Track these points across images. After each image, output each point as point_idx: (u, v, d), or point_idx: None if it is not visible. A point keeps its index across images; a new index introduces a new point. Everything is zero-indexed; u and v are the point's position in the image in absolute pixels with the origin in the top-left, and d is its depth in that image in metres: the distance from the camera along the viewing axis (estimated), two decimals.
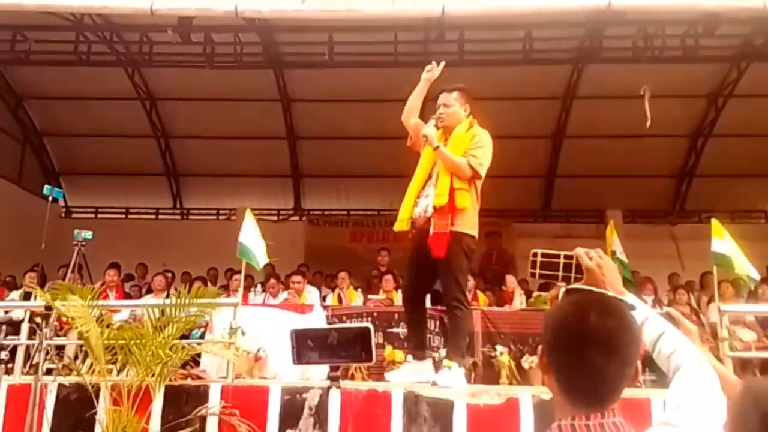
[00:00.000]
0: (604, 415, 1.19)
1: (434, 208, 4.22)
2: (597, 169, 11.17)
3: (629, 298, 1.48)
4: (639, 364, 1.27)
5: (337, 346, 2.71)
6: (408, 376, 4.35)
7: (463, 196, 4.23)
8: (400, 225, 4.45)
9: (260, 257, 5.08)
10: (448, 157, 4.26)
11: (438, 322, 5.76)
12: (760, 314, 6.41)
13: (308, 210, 12.72)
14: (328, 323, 6.03)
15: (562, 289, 1.47)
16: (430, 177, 4.39)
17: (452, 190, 4.21)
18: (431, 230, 4.20)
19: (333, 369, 2.90)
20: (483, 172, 4.32)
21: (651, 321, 1.44)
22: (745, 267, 4.75)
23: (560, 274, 1.54)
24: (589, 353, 1.18)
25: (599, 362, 1.18)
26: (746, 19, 8.20)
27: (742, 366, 5.90)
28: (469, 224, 4.32)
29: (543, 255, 1.56)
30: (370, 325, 2.72)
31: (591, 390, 1.20)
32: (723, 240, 4.79)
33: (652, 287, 7.30)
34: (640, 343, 1.28)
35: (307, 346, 2.80)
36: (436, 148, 4.28)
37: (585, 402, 1.20)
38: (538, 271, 1.57)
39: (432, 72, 4.59)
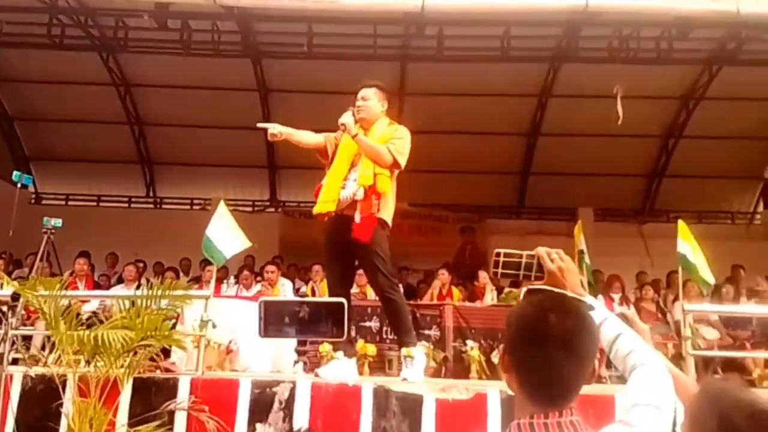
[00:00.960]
0: (562, 414, 1.22)
1: (363, 191, 4.19)
2: (570, 167, 11.32)
3: (588, 299, 1.50)
4: (596, 363, 1.32)
5: (307, 320, 2.66)
6: (333, 373, 4.25)
7: (384, 182, 4.24)
8: (325, 206, 4.29)
9: (227, 250, 5.01)
10: (367, 143, 4.26)
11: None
12: (722, 313, 6.59)
13: (284, 202, 12.65)
14: None
15: (524, 289, 1.50)
16: (353, 165, 4.35)
17: (374, 175, 4.21)
18: (357, 215, 4.17)
19: (301, 344, 2.83)
20: (403, 162, 4.33)
21: (608, 322, 1.47)
22: (703, 272, 4.87)
23: (522, 273, 1.57)
24: (548, 352, 1.22)
25: (558, 361, 1.21)
26: (719, 23, 8.36)
27: (705, 364, 6.07)
28: (389, 212, 4.35)
29: (505, 255, 1.59)
30: (344, 300, 2.68)
31: (549, 388, 1.23)
32: (686, 242, 4.91)
33: (620, 285, 7.45)
34: (597, 342, 1.32)
35: (275, 318, 2.74)
36: (354, 136, 4.25)
37: (544, 400, 1.23)
38: (500, 270, 1.60)
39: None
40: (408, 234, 11.67)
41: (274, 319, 2.68)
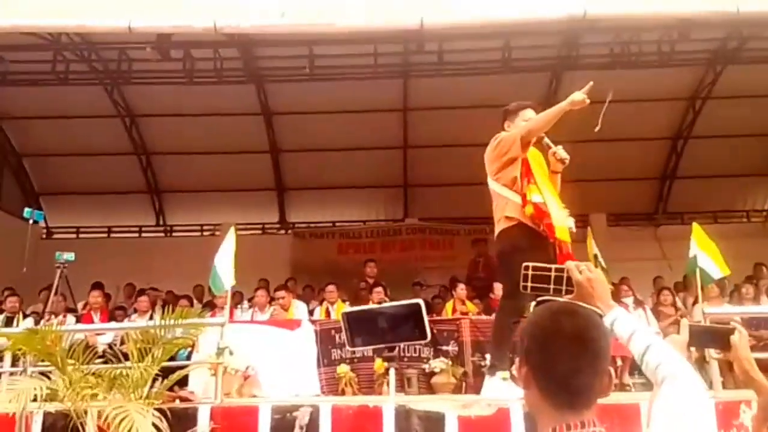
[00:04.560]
0: (584, 425, 1.21)
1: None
2: (580, 174, 11.18)
3: (617, 311, 1.50)
4: (613, 371, 1.35)
5: (390, 326, 2.63)
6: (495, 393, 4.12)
7: None
8: (565, 234, 4.13)
9: (227, 280, 5.02)
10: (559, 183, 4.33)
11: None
12: (743, 314, 6.47)
13: (293, 223, 12.65)
14: (317, 338, 6.00)
15: (533, 303, 1.54)
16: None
17: None
18: (568, 248, 4.12)
19: (389, 350, 2.81)
20: None
21: (638, 334, 1.46)
22: (708, 266, 4.83)
23: (551, 287, 1.56)
24: (562, 349, 1.25)
25: (573, 357, 1.24)
26: (720, 23, 8.33)
27: (729, 366, 5.95)
28: None
29: (534, 268, 1.59)
30: (421, 301, 2.64)
31: (568, 390, 1.24)
32: (700, 244, 4.88)
33: (628, 288, 7.34)
34: (609, 340, 1.35)
35: (360, 329, 2.71)
36: (556, 173, 4.31)
37: (564, 406, 1.23)
38: (530, 284, 1.60)
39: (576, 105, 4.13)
40: (420, 249, 11.64)
41: (359, 330, 2.65)
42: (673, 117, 11.30)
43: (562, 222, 4.09)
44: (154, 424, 3.74)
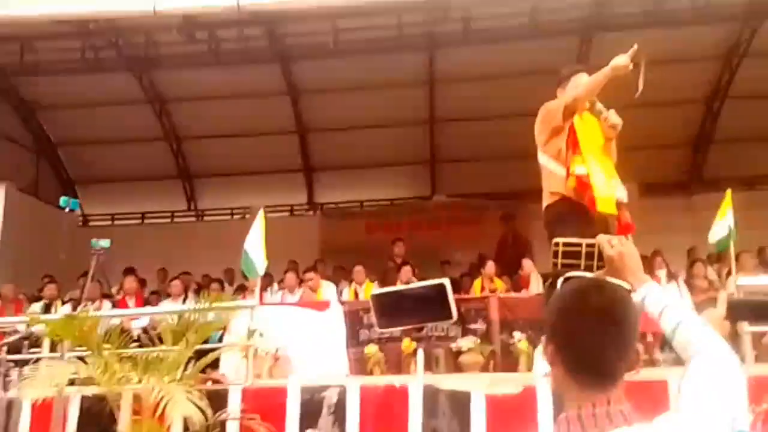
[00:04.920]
0: (609, 402, 1.20)
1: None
2: None
3: (648, 286, 1.48)
4: (640, 347, 1.31)
5: (416, 307, 2.66)
6: None
7: None
8: (610, 206, 3.86)
9: (259, 266, 5.05)
10: (615, 150, 4.12)
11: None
12: None
13: (322, 204, 12.69)
14: (346, 319, 6.05)
15: (560, 280, 1.50)
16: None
17: None
18: (625, 218, 3.94)
19: (417, 330, 2.85)
20: None
21: (669, 310, 1.43)
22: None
23: (582, 262, 1.55)
24: (589, 324, 1.23)
25: (599, 332, 1.22)
26: None
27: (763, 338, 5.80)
28: None
29: (565, 244, 1.58)
30: (446, 280, 2.64)
31: (594, 366, 1.23)
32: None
33: (662, 260, 7.16)
34: (637, 316, 1.32)
35: (388, 310, 2.74)
36: (610, 139, 4.08)
37: (590, 383, 1.22)
38: (560, 260, 1.59)
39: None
40: (448, 226, 11.55)
41: (388, 311, 2.68)
42: (708, 77, 10.85)
43: (607, 193, 3.86)
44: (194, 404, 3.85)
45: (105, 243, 6.23)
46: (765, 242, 8.10)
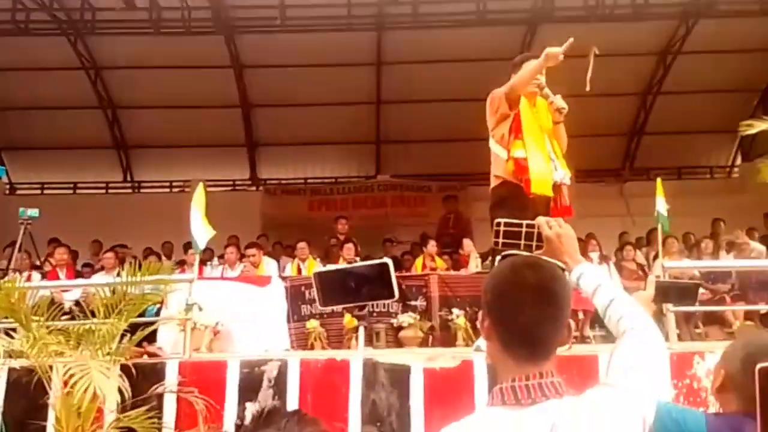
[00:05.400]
0: (542, 375, 1.24)
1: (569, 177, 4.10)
2: None
3: (584, 265, 1.52)
4: (573, 323, 1.36)
5: (359, 286, 2.65)
6: None
7: None
8: (545, 188, 3.97)
9: (200, 239, 4.96)
10: (564, 133, 4.25)
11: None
12: (702, 268, 6.68)
13: (264, 179, 12.54)
14: (287, 294, 6.04)
15: (498, 257, 1.54)
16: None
17: None
18: (564, 201, 4.06)
19: (359, 309, 2.85)
20: None
21: (602, 288, 1.48)
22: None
23: (522, 242, 1.58)
24: (524, 299, 1.26)
25: (534, 308, 1.26)
26: None
27: (686, 318, 6.18)
28: None
29: (506, 224, 1.61)
30: (389, 260, 2.65)
31: (529, 340, 1.26)
32: (664, 199, 4.96)
33: (596, 243, 7.49)
34: (571, 292, 1.37)
35: (331, 289, 2.72)
36: (558, 123, 4.20)
37: (524, 356, 1.26)
38: (501, 240, 1.61)
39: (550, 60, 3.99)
40: (391, 206, 11.67)
41: (330, 289, 2.66)
42: (644, 72, 11.33)
43: (542, 175, 3.98)
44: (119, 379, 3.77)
45: (33, 212, 5.99)
46: (689, 228, 8.60)
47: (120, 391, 3.91)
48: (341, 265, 6.86)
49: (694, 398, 3.73)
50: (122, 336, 4.24)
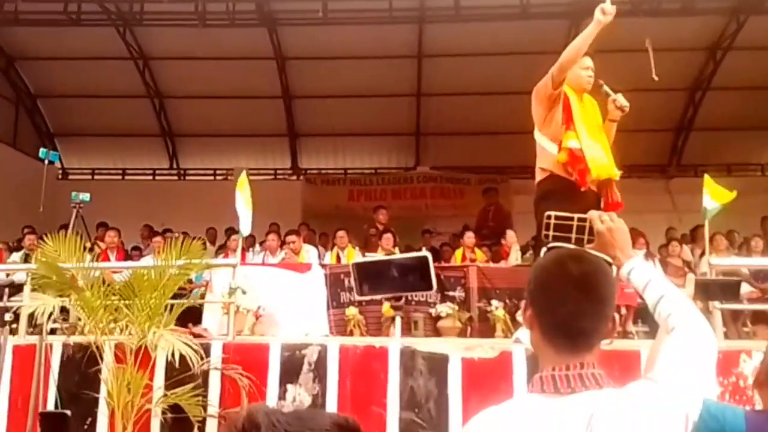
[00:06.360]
0: (583, 366, 1.24)
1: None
2: None
3: (635, 260, 1.49)
4: (617, 317, 1.35)
5: (398, 277, 2.69)
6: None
7: None
8: (608, 171, 3.94)
9: (245, 225, 5.09)
10: (613, 133, 4.19)
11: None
12: (750, 266, 6.50)
13: (305, 169, 12.70)
14: (327, 281, 6.13)
15: (544, 249, 1.55)
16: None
17: None
18: (616, 195, 4.01)
19: (396, 299, 2.91)
20: None
21: (653, 284, 1.45)
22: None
23: (573, 236, 1.55)
24: (567, 292, 1.27)
25: (577, 300, 1.26)
26: None
27: (734, 317, 6.03)
28: None
29: (557, 218, 1.58)
30: (428, 253, 2.69)
31: (570, 332, 1.26)
32: (712, 195, 4.84)
33: (644, 241, 7.35)
34: (615, 287, 1.35)
35: (369, 279, 2.78)
36: (614, 121, 4.14)
37: (566, 348, 1.26)
38: (551, 233, 1.58)
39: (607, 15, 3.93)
40: (431, 197, 11.68)
41: (368, 279, 2.72)
42: (693, 67, 11.05)
43: (603, 161, 3.91)
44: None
45: (85, 196, 6.18)
46: (734, 226, 8.38)
47: (168, 368, 4.07)
48: (379, 255, 6.94)
49: (740, 396, 3.67)
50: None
